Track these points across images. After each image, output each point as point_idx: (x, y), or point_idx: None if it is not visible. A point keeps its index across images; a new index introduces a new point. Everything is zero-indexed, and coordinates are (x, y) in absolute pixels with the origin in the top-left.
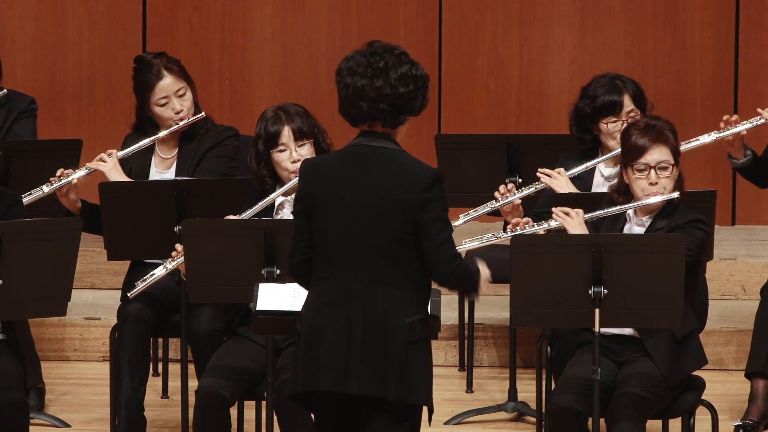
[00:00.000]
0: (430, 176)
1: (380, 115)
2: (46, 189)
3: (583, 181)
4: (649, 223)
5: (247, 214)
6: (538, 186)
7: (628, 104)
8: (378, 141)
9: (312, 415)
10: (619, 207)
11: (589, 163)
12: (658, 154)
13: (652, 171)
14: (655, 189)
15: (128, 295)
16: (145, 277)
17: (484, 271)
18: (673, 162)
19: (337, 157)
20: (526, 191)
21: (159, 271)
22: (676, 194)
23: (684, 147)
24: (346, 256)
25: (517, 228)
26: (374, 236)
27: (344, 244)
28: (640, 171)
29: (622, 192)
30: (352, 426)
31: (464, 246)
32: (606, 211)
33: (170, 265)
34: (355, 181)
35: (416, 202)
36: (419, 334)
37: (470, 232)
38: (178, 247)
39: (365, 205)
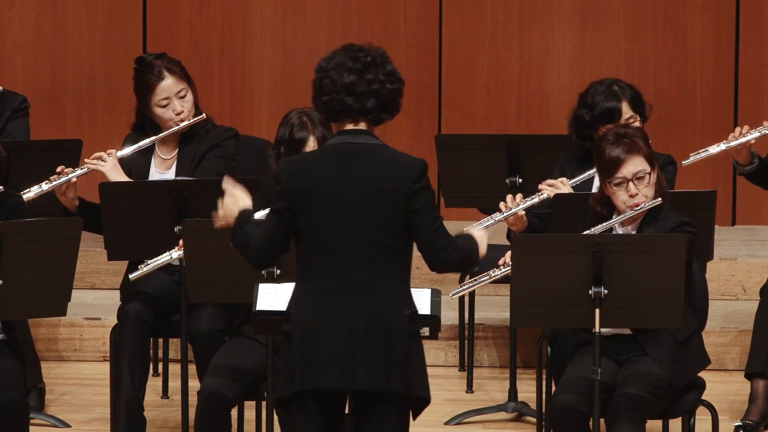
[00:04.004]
0: (419, 166)
1: (367, 111)
2: (45, 186)
3: (583, 186)
4: (635, 231)
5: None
6: (542, 195)
7: (626, 111)
8: (360, 138)
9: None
10: (604, 224)
11: (591, 171)
12: (633, 165)
13: (630, 183)
14: (636, 200)
15: (130, 276)
16: (149, 261)
17: (480, 236)
18: (649, 170)
19: (319, 155)
20: (529, 201)
21: (163, 258)
22: (658, 200)
23: (693, 158)
24: (343, 252)
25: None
26: (370, 230)
27: (340, 240)
28: (618, 185)
29: (605, 203)
30: (340, 424)
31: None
32: (593, 230)
33: (176, 254)
34: (345, 177)
35: (408, 192)
36: (417, 326)
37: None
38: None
39: (359, 200)
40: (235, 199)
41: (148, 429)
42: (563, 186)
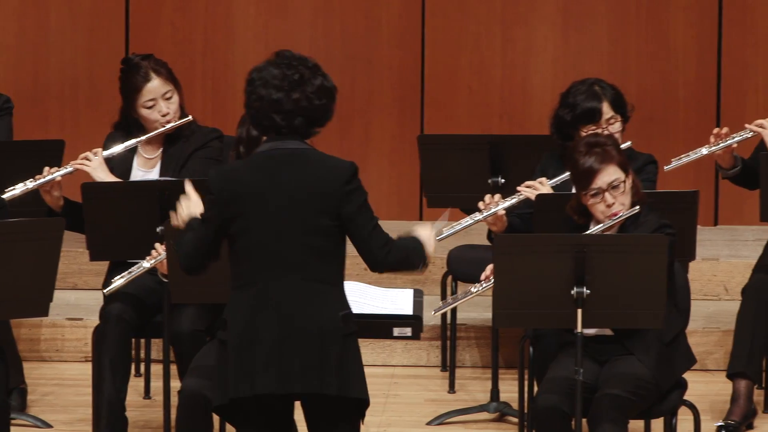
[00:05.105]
0: (348, 169)
1: (294, 129)
2: (30, 184)
3: (564, 185)
4: None
5: None
6: (520, 196)
7: (607, 111)
8: (288, 143)
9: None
10: (584, 234)
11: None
12: (607, 175)
13: (606, 193)
14: (613, 209)
15: (104, 291)
16: (123, 273)
17: (426, 236)
18: (623, 178)
19: (249, 163)
20: (509, 202)
21: (136, 269)
22: (636, 209)
23: (675, 164)
24: (273, 257)
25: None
26: (300, 234)
27: (270, 245)
28: (594, 196)
29: (582, 213)
30: (283, 429)
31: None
32: None
33: (148, 263)
34: (273, 182)
35: (338, 195)
36: (351, 327)
37: (454, 238)
38: (158, 246)
39: (288, 204)
40: (189, 204)
41: (130, 429)
42: (542, 186)
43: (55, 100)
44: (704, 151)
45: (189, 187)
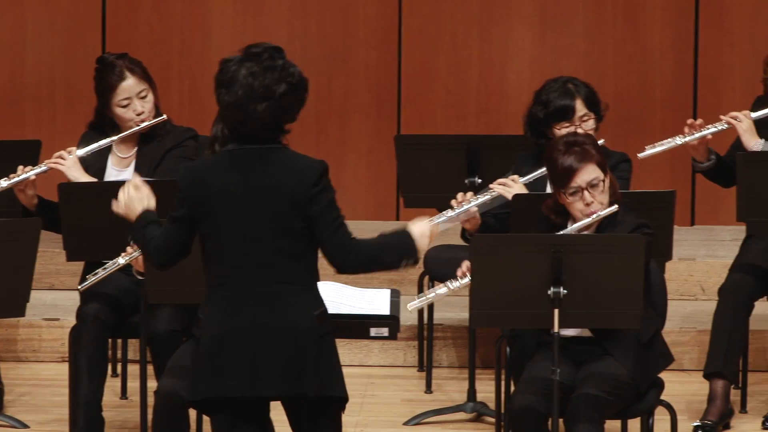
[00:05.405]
0: (317, 169)
1: (261, 136)
2: (4, 183)
3: (537, 184)
4: None
5: None
6: (493, 193)
7: (580, 109)
8: (257, 142)
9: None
10: (561, 233)
11: (543, 169)
12: (586, 174)
13: (585, 192)
14: (592, 208)
15: (79, 288)
16: (97, 270)
17: (419, 231)
18: (602, 177)
19: (218, 161)
20: (482, 199)
21: (111, 265)
22: (615, 208)
23: (649, 152)
24: (244, 258)
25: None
26: (270, 236)
27: (241, 246)
28: (573, 194)
29: (559, 212)
30: (260, 428)
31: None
32: None
33: (123, 260)
34: (243, 183)
35: (305, 197)
36: (327, 326)
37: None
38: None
39: (257, 206)
40: (141, 196)
41: (107, 429)
42: (515, 184)
43: (31, 100)
44: (678, 140)
45: (137, 178)
